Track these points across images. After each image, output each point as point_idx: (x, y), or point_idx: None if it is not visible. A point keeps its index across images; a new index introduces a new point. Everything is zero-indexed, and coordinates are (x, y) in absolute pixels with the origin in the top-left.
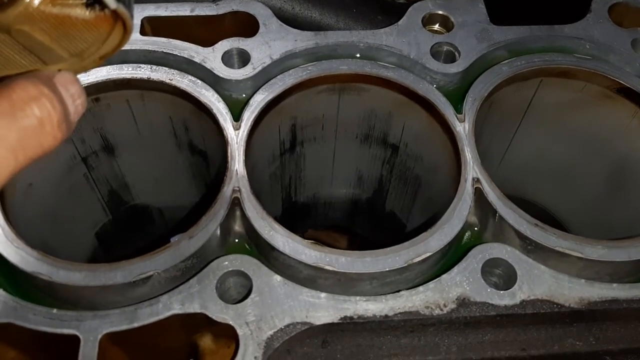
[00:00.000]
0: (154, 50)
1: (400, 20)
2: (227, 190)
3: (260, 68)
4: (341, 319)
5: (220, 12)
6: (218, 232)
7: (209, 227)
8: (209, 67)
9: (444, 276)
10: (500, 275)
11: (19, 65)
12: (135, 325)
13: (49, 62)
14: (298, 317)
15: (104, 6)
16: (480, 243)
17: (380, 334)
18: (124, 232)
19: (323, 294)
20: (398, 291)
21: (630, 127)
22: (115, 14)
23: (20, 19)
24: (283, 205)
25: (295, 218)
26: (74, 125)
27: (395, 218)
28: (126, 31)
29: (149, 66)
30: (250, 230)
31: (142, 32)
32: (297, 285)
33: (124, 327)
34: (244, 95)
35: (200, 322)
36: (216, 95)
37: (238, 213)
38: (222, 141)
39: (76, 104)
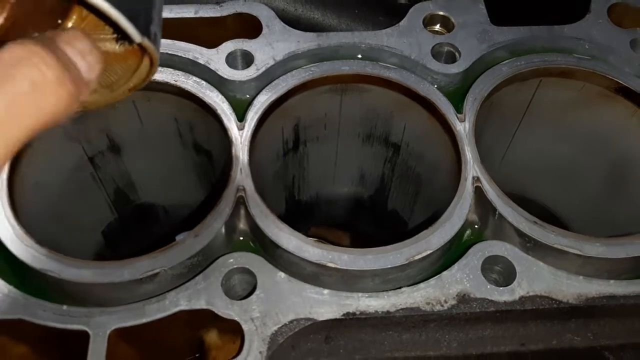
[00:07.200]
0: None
1: (402, 21)
2: (231, 189)
3: (263, 69)
4: (344, 314)
5: (224, 13)
6: (223, 230)
7: (215, 225)
8: (213, 68)
9: (444, 273)
10: (500, 272)
11: None
12: (143, 320)
13: None
14: (302, 313)
15: (132, 40)
16: (480, 241)
17: (382, 329)
18: (129, 231)
19: (326, 291)
20: (399, 288)
21: (629, 126)
22: (142, 48)
23: None
24: (286, 204)
25: (298, 216)
26: (93, 84)
27: (397, 216)
28: (152, 64)
29: None
30: (255, 229)
31: None
32: (300, 282)
33: (132, 322)
34: (247, 96)
35: (206, 318)
36: (220, 96)
37: (242, 211)
38: (227, 141)
39: (87, 60)
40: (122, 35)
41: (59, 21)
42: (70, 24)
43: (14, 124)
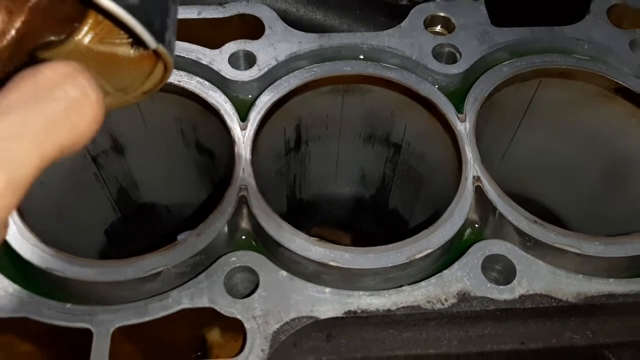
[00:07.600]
0: None
1: (403, 22)
2: (234, 189)
3: (266, 69)
4: (345, 313)
5: (227, 14)
6: (225, 229)
7: (217, 224)
8: (216, 69)
9: (445, 272)
10: (500, 270)
11: None
12: (146, 319)
13: None
14: (303, 312)
15: (147, 46)
16: (480, 240)
17: (383, 327)
18: (132, 230)
19: (328, 289)
20: (400, 286)
21: (629, 126)
22: (157, 54)
23: (71, 56)
24: (288, 203)
25: (300, 215)
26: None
27: (398, 215)
28: (166, 69)
29: None
30: (257, 228)
31: None
32: (302, 281)
33: (135, 321)
34: (250, 96)
35: (208, 316)
36: (223, 96)
37: (245, 211)
38: (229, 141)
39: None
40: (137, 41)
41: (76, 25)
42: (86, 28)
43: (49, 143)
